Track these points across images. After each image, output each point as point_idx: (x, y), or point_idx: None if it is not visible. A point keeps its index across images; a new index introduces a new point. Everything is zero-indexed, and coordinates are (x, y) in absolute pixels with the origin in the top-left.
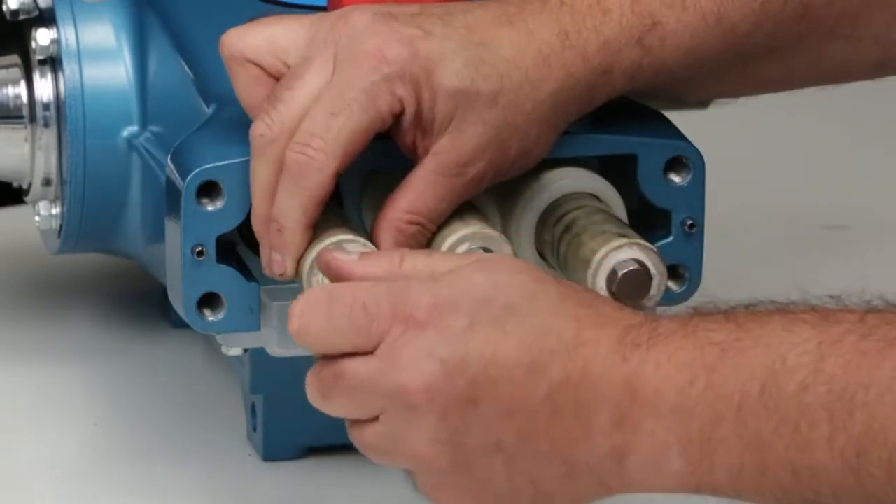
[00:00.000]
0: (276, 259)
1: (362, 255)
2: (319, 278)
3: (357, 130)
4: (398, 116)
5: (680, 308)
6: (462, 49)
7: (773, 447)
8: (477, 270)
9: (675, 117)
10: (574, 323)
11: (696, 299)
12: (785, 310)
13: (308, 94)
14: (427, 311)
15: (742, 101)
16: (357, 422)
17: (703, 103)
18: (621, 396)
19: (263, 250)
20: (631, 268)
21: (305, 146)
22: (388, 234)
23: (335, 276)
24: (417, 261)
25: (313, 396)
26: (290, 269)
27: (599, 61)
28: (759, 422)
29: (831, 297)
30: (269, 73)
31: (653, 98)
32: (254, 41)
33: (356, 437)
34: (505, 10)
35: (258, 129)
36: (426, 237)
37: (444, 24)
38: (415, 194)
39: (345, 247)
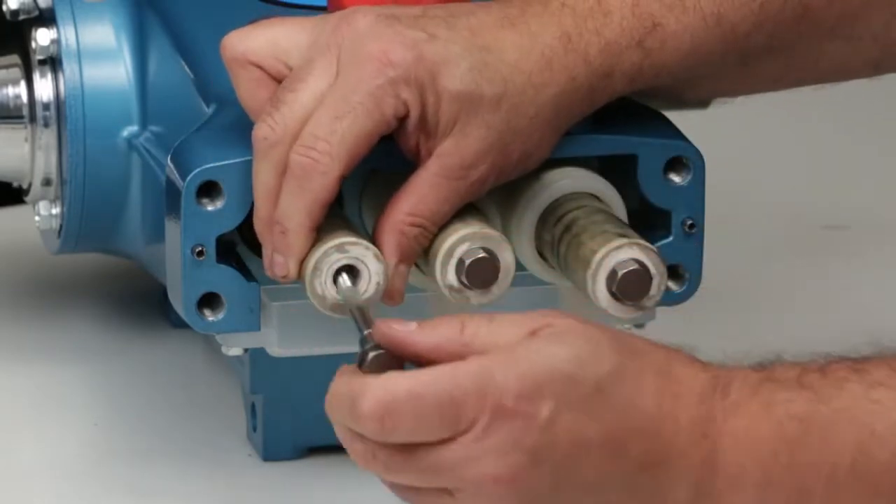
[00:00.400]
0: (278, 261)
1: (420, 324)
2: (322, 279)
3: (362, 134)
4: (402, 120)
5: (744, 356)
6: (466, 53)
7: None
8: (553, 343)
9: (675, 117)
10: (654, 398)
11: (751, 343)
12: (860, 370)
13: (311, 96)
14: (515, 399)
15: (742, 100)
16: (423, 489)
17: (702, 103)
18: (701, 474)
19: (266, 252)
20: (631, 268)
21: (310, 149)
22: (390, 237)
23: (394, 348)
24: (479, 327)
25: (373, 468)
26: (292, 271)
27: (601, 64)
28: (851, 494)
29: None
30: (270, 76)
31: (652, 98)
32: (255, 43)
33: (422, 500)
34: (507, 13)
35: (261, 132)
36: (428, 239)
37: (448, 26)
38: (417, 197)
39: (347, 249)
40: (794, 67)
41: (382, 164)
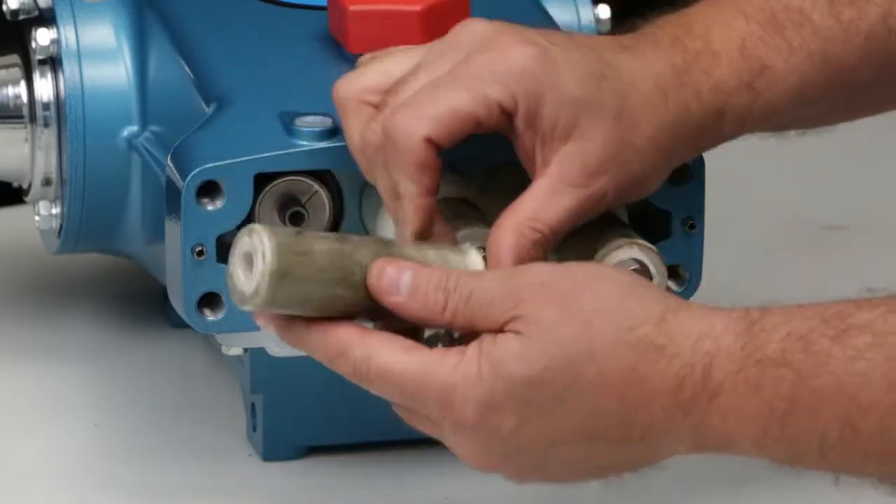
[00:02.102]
0: (399, 231)
1: (409, 288)
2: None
3: (457, 107)
4: (511, 117)
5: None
6: (587, 61)
7: (862, 470)
8: (511, 356)
9: None
10: (618, 401)
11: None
12: (841, 340)
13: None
14: (474, 417)
15: None
16: None
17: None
18: (693, 441)
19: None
20: (631, 268)
21: (399, 111)
22: (508, 238)
23: (384, 303)
24: (458, 308)
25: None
26: (408, 239)
27: (712, 102)
28: (843, 458)
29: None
30: None
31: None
32: (368, 80)
33: None
34: (621, 41)
35: (368, 137)
36: (544, 250)
37: (567, 39)
38: (539, 203)
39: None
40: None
41: None
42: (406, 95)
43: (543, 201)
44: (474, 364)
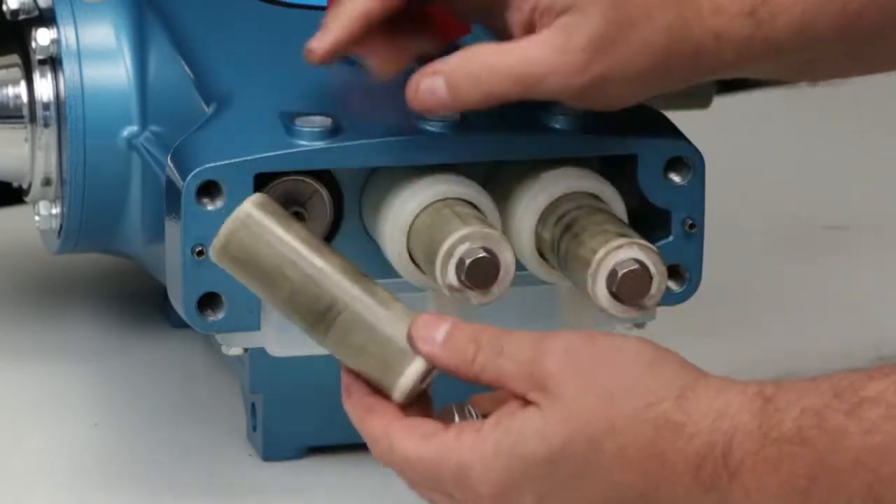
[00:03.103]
0: (317, 36)
1: (444, 337)
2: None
3: None
4: None
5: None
6: None
7: None
8: (530, 432)
9: (676, 117)
10: (640, 478)
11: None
12: (855, 414)
13: None
14: (492, 496)
15: (742, 100)
16: None
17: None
18: None
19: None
20: (631, 268)
21: None
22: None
23: (419, 352)
24: (486, 364)
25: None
26: (325, 42)
27: (712, 23)
28: None
29: None
30: None
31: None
32: None
33: None
34: None
35: None
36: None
37: None
38: (525, 53)
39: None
40: None
41: (381, 163)
42: None
43: (527, 52)
44: (490, 442)
